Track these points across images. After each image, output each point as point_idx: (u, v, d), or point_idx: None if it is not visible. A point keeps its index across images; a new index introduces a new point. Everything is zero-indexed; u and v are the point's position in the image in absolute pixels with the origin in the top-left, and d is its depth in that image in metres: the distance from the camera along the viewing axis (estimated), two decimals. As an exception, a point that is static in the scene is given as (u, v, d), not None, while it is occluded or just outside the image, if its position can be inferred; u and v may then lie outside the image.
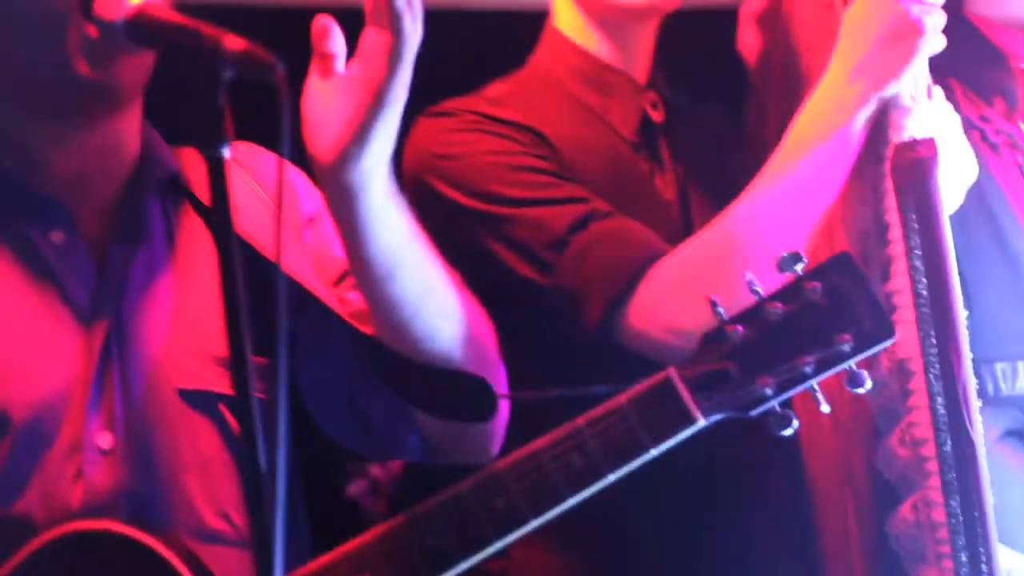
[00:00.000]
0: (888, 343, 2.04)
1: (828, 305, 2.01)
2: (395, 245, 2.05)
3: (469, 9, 3.88)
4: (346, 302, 2.18)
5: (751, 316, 2.03)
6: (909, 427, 2.30)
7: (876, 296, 2.06)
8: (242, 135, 2.00)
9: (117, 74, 2.06)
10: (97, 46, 2.02)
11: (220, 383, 2.10)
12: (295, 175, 2.24)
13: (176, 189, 2.19)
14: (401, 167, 2.52)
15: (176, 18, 1.93)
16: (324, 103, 1.98)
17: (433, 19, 1.99)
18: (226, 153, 1.77)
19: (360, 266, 2.07)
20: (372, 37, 1.97)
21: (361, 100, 1.96)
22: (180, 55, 1.86)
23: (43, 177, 2.10)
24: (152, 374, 2.09)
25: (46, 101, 2.08)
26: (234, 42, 1.81)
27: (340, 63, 1.98)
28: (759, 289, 2.03)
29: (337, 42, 1.98)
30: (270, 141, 1.88)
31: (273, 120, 1.81)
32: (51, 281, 2.07)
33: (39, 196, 2.09)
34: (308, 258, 2.20)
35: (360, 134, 1.96)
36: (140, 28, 1.97)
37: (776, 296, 2.03)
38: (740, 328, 2.02)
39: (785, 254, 2.02)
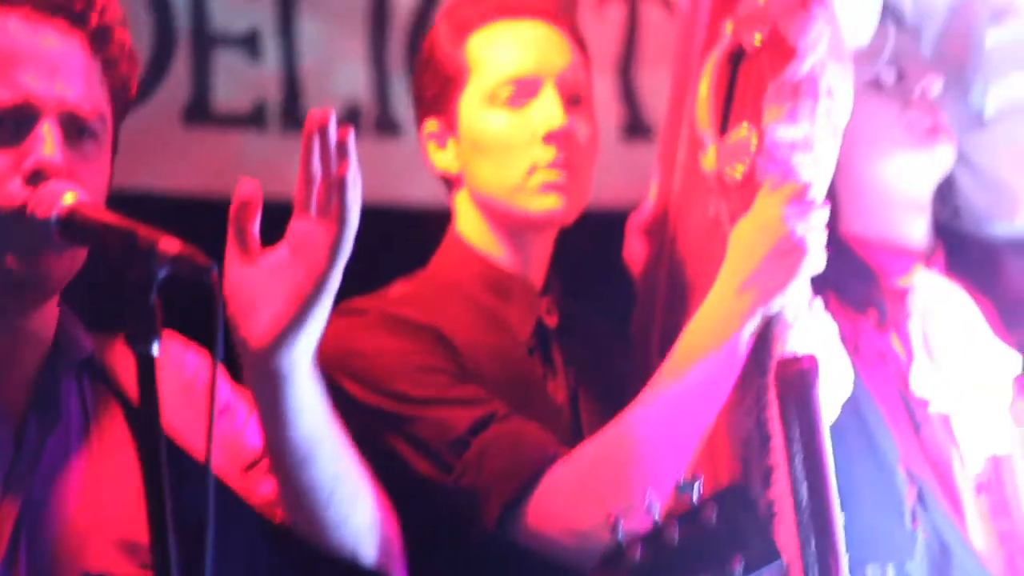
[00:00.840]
0: (774, 564, 2.14)
1: (721, 530, 2.07)
2: (315, 429, 2.09)
3: (372, 207, 4.00)
4: (256, 489, 2.20)
5: (650, 538, 2.08)
6: (789, 629, 2.39)
7: (765, 522, 2.18)
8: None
9: (47, 269, 2.07)
10: (28, 242, 2.04)
11: (124, 567, 2.10)
12: (208, 363, 2.25)
13: (91, 370, 2.21)
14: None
15: (110, 218, 1.96)
16: (254, 288, 2.01)
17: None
18: (155, 351, 1.82)
19: (280, 449, 2.10)
20: (305, 226, 2.02)
21: (299, 288, 2.00)
22: (113, 253, 1.90)
23: None
24: (59, 555, 2.09)
25: None
26: (169, 244, 1.86)
27: (257, 245, 2.02)
28: (656, 512, 2.08)
29: (258, 222, 2.02)
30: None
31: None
32: None
33: None
34: (220, 444, 2.18)
35: (297, 321, 2.00)
36: (73, 227, 1.99)
37: (673, 518, 2.09)
38: (639, 549, 2.08)
39: (683, 480, 2.09)
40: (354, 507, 2.16)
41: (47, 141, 2.06)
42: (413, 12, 4.45)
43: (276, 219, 2.07)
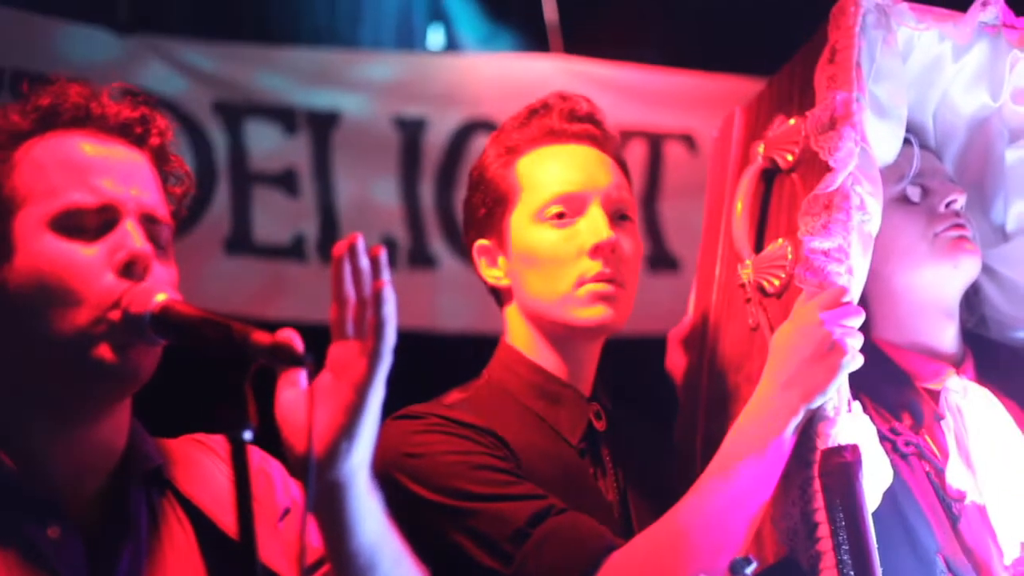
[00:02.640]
0: None
1: None
2: (376, 537, 2.17)
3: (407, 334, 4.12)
4: None
5: None
6: None
7: None
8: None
9: (137, 361, 2.17)
10: (120, 335, 2.14)
11: None
12: (272, 467, 2.35)
13: (159, 481, 2.29)
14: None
15: (204, 313, 2.06)
16: (303, 412, 2.07)
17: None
18: (248, 436, 1.92)
19: (343, 559, 2.16)
20: (342, 349, 2.12)
21: (343, 401, 2.08)
22: (208, 344, 1.99)
23: (41, 474, 2.18)
24: None
25: (62, 390, 2.17)
26: (262, 335, 1.97)
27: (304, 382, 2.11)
28: None
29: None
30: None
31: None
32: (48, 573, 2.13)
33: (38, 496, 2.17)
34: (282, 547, 2.30)
35: (346, 430, 2.08)
36: (166, 323, 2.10)
37: None
38: None
39: (738, 558, 2.17)
40: None
41: (134, 235, 2.19)
42: (443, 151, 4.63)
43: (319, 342, 2.16)
